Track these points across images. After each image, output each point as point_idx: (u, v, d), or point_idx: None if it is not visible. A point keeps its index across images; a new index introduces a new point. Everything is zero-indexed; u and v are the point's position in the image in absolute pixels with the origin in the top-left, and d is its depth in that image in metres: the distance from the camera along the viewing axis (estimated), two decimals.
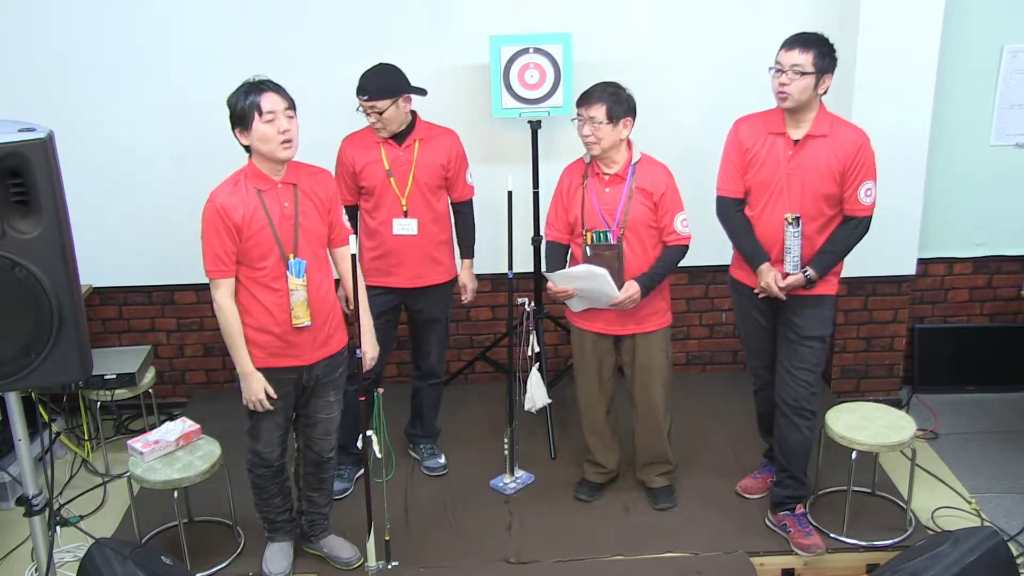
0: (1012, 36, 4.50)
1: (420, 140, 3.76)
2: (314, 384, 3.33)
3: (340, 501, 3.83)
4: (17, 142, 2.13)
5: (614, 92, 3.46)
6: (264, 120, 3.03)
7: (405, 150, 3.75)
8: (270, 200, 3.12)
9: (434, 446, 4.23)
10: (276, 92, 3.07)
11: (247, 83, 3.09)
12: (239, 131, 3.08)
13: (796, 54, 3.27)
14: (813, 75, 3.27)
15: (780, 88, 3.31)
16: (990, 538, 3.12)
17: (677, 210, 3.56)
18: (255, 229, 3.09)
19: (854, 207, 3.38)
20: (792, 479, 3.65)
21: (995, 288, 4.90)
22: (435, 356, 4.06)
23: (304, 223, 3.16)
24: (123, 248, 4.65)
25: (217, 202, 3.08)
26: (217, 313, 3.17)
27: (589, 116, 3.45)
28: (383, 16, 4.40)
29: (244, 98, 3.04)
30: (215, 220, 3.07)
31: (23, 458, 2.56)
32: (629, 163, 3.54)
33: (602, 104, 3.43)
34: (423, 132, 3.79)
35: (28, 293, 2.20)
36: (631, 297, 3.51)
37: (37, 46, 4.38)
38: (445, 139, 3.83)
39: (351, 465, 3.99)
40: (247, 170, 3.15)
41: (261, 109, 3.03)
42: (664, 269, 3.59)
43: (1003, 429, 4.58)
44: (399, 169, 3.75)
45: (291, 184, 3.15)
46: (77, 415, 4.55)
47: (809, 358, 3.52)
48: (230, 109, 3.08)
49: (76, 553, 3.65)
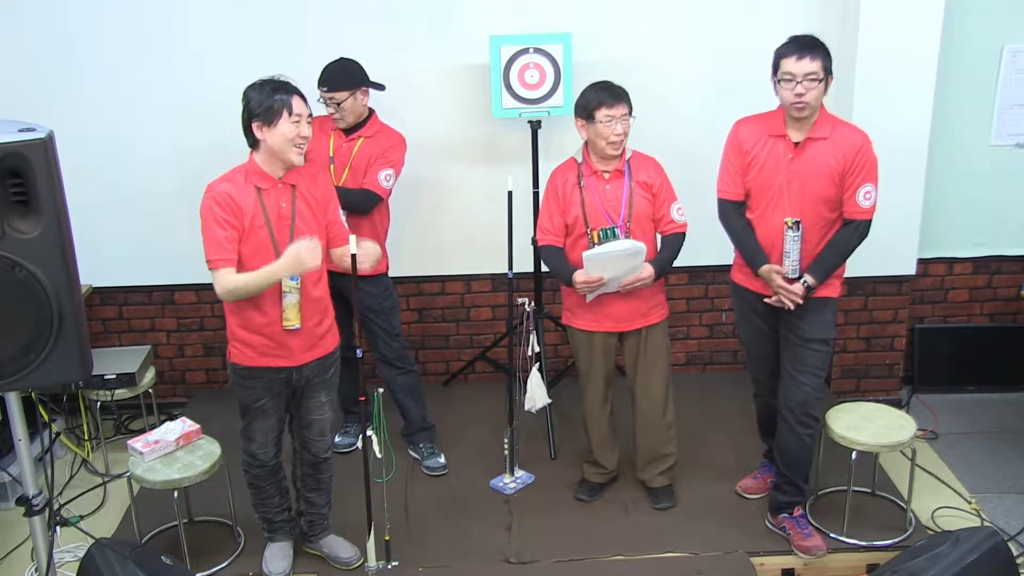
0: (1012, 36, 4.50)
1: (365, 137, 3.87)
2: (305, 385, 3.32)
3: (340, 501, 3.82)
4: (17, 142, 2.13)
5: (625, 91, 3.52)
6: (292, 120, 3.04)
7: (348, 142, 3.87)
8: (268, 200, 3.11)
9: (433, 445, 4.23)
10: (303, 98, 3.10)
11: (275, 80, 3.09)
12: (260, 125, 3.05)
13: (807, 62, 3.24)
14: (824, 80, 3.27)
15: (797, 99, 3.26)
16: (990, 538, 3.12)
17: (672, 199, 3.62)
18: (254, 228, 3.08)
19: (853, 210, 3.37)
20: (791, 485, 3.63)
21: (995, 288, 4.90)
22: (383, 343, 4.03)
23: (300, 225, 3.15)
24: (123, 248, 4.65)
25: (216, 190, 3.07)
26: (230, 295, 3.08)
27: (621, 115, 3.48)
28: (383, 16, 4.40)
29: (273, 94, 3.04)
30: (215, 207, 3.04)
31: (23, 458, 2.56)
32: (625, 159, 3.57)
33: (627, 104, 3.50)
34: (372, 130, 3.89)
35: (28, 293, 2.21)
36: (645, 279, 3.53)
37: (37, 46, 4.38)
38: (388, 141, 3.90)
39: (357, 423, 4.00)
40: (248, 167, 3.13)
41: (292, 109, 3.04)
42: (671, 255, 3.63)
43: (1003, 429, 4.58)
44: (339, 159, 3.86)
45: (290, 185, 3.15)
46: (77, 415, 4.55)
47: (812, 361, 3.50)
48: (252, 101, 3.06)
49: (76, 553, 3.65)
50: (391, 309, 4.04)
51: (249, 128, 3.08)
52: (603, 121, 3.47)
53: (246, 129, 3.10)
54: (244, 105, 3.09)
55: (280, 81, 3.10)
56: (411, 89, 4.45)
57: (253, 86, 3.09)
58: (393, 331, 4.06)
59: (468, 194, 4.57)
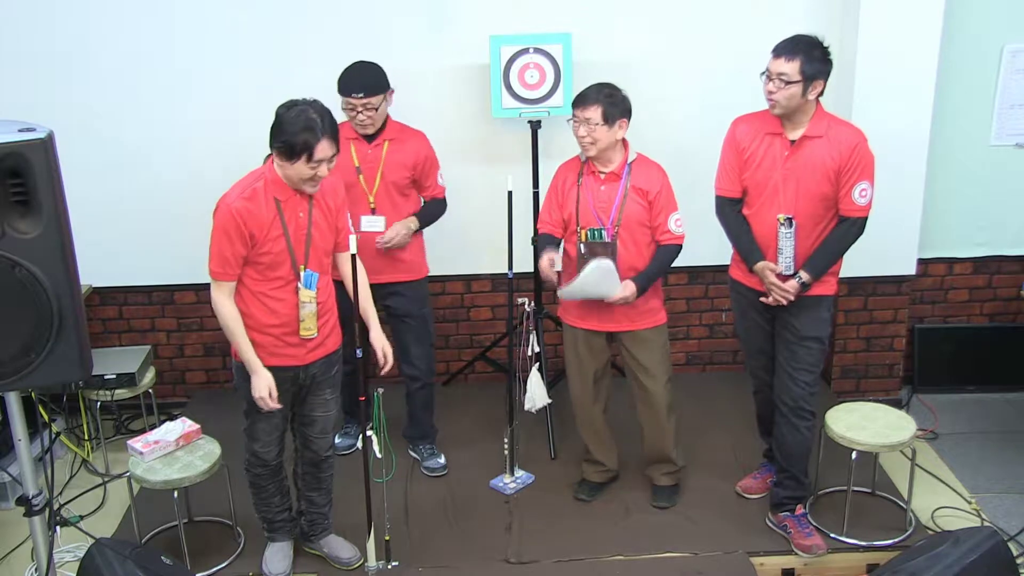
0: (1012, 36, 4.50)
1: (390, 140, 3.81)
2: (311, 383, 3.33)
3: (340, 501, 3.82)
4: (17, 142, 2.13)
5: (610, 94, 3.46)
6: (310, 165, 2.97)
7: (374, 148, 3.79)
8: (288, 211, 3.08)
9: (433, 446, 4.23)
10: (331, 140, 2.97)
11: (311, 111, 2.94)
12: (280, 154, 2.99)
13: (782, 63, 3.27)
14: (800, 83, 3.26)
15: (768, 95, 3.34)
16: (990, 538, 3.12)
17: (671, 210, 3.57)
18: (271, 239, 3.06)
19: (848, 207, 3.37)
20: (792, 480, 3.65)
21: (995, 288, 4.90)
22: (416, 355, 4.04)
23: (315, 235, 3.15)
24: (123, 248, 4.65)
25: (235, 206, 3.00)
26: (216, 311, 3.14)
27: (585, 118, 3.46)
28: (383, 16, 4.40)
29: (301, 133, 2.91)
30: (229, 224, 3.00)
31: (23, 458, 2.56)
32: (625, 162, 3.55)
33: (598, 106, 3.44)
34: (394, 132, 3.83)
35: (28, 293, 2.21)
36: (626, 297, 3.52)
37: (37, 46, 4.38)
38: (414, 141, 3.87)
39: (357, 424, 3.99)
40: (267, 175, 3.07)
41: (313, 156, 2.95)
42: (659, 269, 3.60)
43: (1003, 429, 4.58)
44: (367, 167, 3.79)
45: (307, 195, 3.13)
46: (77, 415, 4.55)
47: (807, 359, 3.52)
48: (279, 128, 2.96)
49: (76, 553, 3.65)
50: (429, 315, 4.07)
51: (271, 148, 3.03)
52: (573, 121, 3.51)
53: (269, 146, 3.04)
54: (273, 124, 2.99)
55: (312, 117, 2.94)
56: (411, 89, 4.44)
57: (290, 108, 2.96)
58: (431, 344, 4.09)
59: (468, 194, 4.56)
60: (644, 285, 3.55)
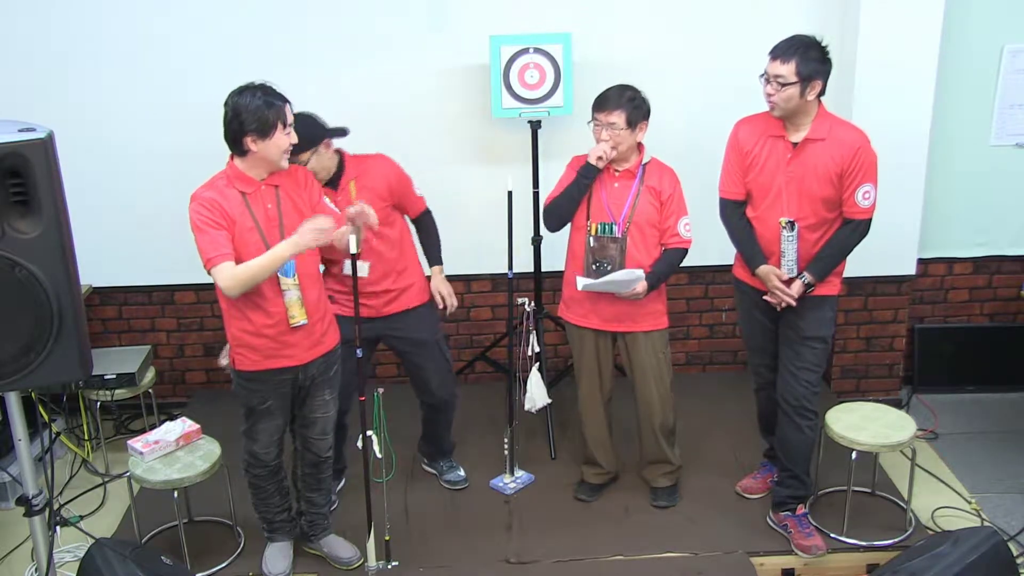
0: (1012, 36, 4.50)
1: (355, 179, 3.56)
2: (310, 384, 3.33)
3: (340, 502, 3.83)
4: (17, 142, 2.13)
5: (632, 97, 3.48)
6: (285, 132, 3.03)
7: (342, 193, 3.54)
8: (254, 203, 3.11)
9: (452, 461, 4.17)
10: (288, 104, 3.07)
11: (262, 88, 3.03)
12: (254, 138, 3.00)
13: (778, 65, 3.27)
14: (796, 84, 3.26)
15: (767, 98, 3.34)
16: (990, 538, 3.12)
17: (681, 214, 3.60)
18: (244, 230, 3.08)
19: (852, 209, 3.38)
20: (794, 479, 3.65)
21: (995, 288, 4.90)
22: (436, 383, 3.86)
23: (288, 224, 3.13)
24: (123, 248, 4.65)
25: (205, 195, 3.05)
26: (232, 285, 3.02)
27: (609, 122, 3.46)
28: (383, 16, 4.40)
29: (267, 107, 2.99)
30: (204, 209, 3.03)
31: (23, 458, 2.56)
32: (640, 162, 3.57)
33: (622, 111, 3.45)
34: (354, 169, 3.58)
35: (28, 293, 2.21)
36: (637, 293, 3.53)
37: (37, 46, 4.38)
38: (377, 168, 3.61)
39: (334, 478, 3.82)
40: (229, 173, 3.11)
41: (286, 120, 3.02)
42: (667, 270, 3.62)
43: (1003, 429, 4.58)
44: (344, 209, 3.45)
45: (273, 186, 3.14)
46: (77, 415, 4.55)
47: (810, 358, 3.52)
48: (244, 113, 2.98)
49: (76, 553, 3.66)
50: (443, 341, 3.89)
51: (239, 139, 3.02)
52: (593, 124, 3.51)
53: (235, 139, 3.03)
54: (233, 115, 3.01)
55: (267, 88, 3.04)
56: (411, 89, 4.45)
57: (241, 94, 3.02)
58: (449, 368, 3.91)
59: (468, 194, 4.57)
60: (653, 284, 3.57)
